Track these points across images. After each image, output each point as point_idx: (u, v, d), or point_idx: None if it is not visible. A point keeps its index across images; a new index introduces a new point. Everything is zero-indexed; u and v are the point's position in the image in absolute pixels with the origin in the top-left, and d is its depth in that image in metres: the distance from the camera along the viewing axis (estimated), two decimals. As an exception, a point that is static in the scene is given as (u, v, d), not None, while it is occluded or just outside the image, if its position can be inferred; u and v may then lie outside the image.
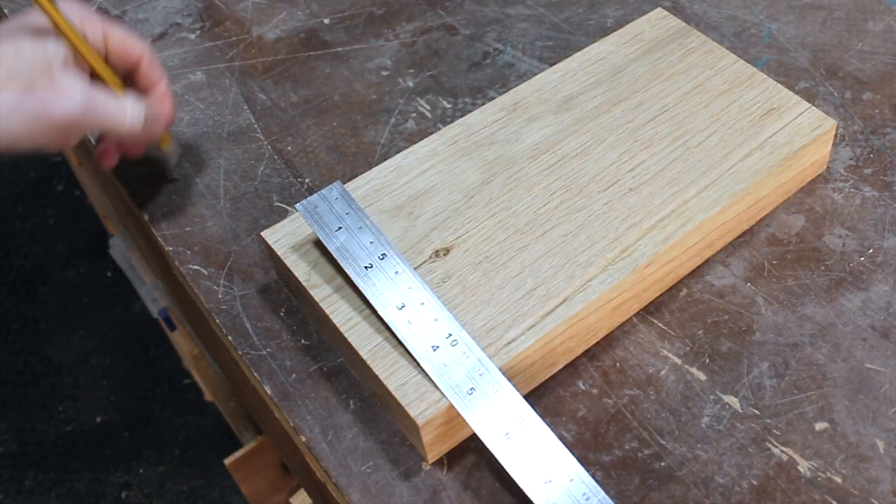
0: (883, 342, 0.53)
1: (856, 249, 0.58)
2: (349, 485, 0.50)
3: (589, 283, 0.52)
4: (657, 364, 0.53)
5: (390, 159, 0.59)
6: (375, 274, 0.51)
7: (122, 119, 0.54)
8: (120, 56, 0.56)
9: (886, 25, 0.71)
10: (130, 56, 0.56)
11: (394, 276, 0.51)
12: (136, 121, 0.54)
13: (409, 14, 0.75)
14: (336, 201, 0.55)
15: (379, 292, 0.51)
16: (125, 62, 0.57)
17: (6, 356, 1.58)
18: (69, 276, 1.68)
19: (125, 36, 0.56)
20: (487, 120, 0.61)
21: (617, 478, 0.49)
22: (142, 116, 0.55)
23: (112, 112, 0.53)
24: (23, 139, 0.52)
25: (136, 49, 0.56)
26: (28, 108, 0.51)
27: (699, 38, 0.64)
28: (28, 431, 1.49)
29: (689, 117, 0.60)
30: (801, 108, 0.60)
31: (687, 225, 0.54)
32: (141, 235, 0.71)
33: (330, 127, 0.67)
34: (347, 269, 0.52)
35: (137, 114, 0.54)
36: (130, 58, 0.56)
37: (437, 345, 0.49)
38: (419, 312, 0.50)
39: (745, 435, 0.50)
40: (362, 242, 0.53)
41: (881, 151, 0.63)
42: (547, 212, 0.55)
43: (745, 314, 0.55)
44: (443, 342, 0.49)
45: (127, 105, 0.54)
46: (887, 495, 0.48)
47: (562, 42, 0.72)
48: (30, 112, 0.51)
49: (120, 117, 0.54)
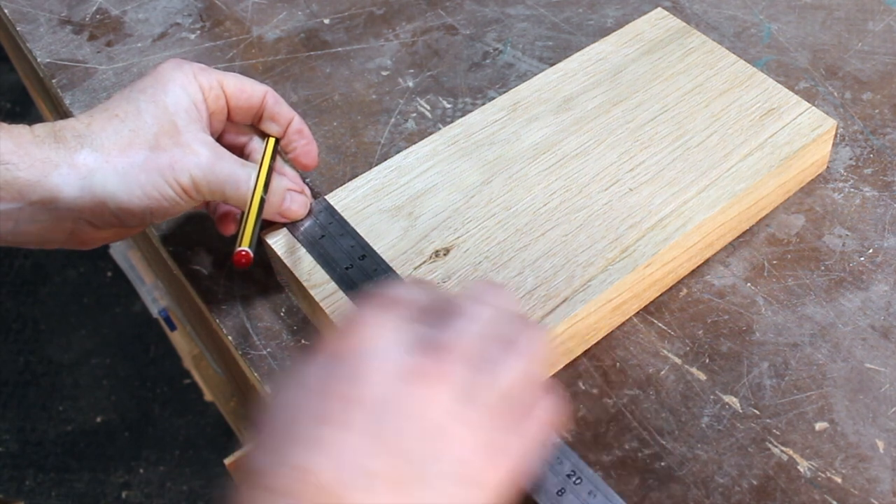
0: (883, 342, 0.53)
1: (856, 249, 0.58)
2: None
3: (589, 283, 0.52)
4: (657, 364, 0.53)
5: (390, 159, 0.59)
6: (355, 273, 0.53)
7: (244, 184, 0.50)
8: (240, 99, 0.54)
9: (886, 25, 0.71)
10: (252, 97, 0.54)
11: (372, 273, 0.52)
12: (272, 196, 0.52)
13: (409, 14, 0.75)
14: (320, 214, 0.56)
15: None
16: (248, 104, 0.54)
17: (6, 356, 1.58)
18: (69, 276, 1.68)
19: (242, 79, 0.54)
20: (487, 120, 0.61)
21: (617, 478, 0.49)
22: (279, 191, 0.53)
23: (231, 174, 0.50)
24: (142, 201, 0.49)
25: (256, 90, 0.54)
26: (154, 165, 0.49)
27: (699, 38, 0.64)
28: (28, 431, 1.49)
29: (689, 117, 0.60)
30: (801, 108, 0.60)
31: (687, 225, 0.54)
32: (141, 235, 0.71)
33: (330, 127, 0.67)
34: (329, 274, 0.53)
35: (275, 190, 0.52)
36: (252, 99, 0.54)
37: None
38: None
39: (745, 435, 0.50)
40: (343, 247, 0.54)
41: (881, 151, 0.63)
42: (547, 212, 0.55)
43: (745, 314, 0.55)
44: None
45: (245, 174, 0.51)
46: (887, 495, 0.48)
47: (562, 42, 0.72)
48: (156, 169, 0.49)
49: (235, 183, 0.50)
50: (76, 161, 0.48)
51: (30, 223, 0.49)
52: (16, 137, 0.48)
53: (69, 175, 0.48)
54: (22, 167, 0.47)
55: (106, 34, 0.75)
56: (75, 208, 0.49)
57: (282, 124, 0.56)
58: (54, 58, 0.74)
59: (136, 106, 0.50)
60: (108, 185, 0.48)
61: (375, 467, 0.32)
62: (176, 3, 0.77)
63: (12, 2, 0.78)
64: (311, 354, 0.35)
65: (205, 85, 0.52)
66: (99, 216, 0.50)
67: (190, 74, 0.52)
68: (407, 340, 0.35)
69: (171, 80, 0.51)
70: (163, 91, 0.51)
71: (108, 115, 0.50)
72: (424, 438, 0.33)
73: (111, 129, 0.49)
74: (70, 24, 0.77)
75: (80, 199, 0.48)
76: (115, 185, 0.48)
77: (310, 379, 0.34)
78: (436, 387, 0.34)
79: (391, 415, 0.33)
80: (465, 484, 0.33)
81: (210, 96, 0.52)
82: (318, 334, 0.56)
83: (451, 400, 0.34)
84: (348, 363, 0.34)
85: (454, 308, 0.37)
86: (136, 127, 0.49)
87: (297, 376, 0.35)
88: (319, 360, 0.35)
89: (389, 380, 0.33)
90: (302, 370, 0.35)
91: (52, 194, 0.48)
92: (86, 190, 0.48)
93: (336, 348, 0.35)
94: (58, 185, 0.48)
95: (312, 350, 0.35)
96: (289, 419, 0.34)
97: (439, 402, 0.33)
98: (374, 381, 0.33)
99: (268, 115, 0.55)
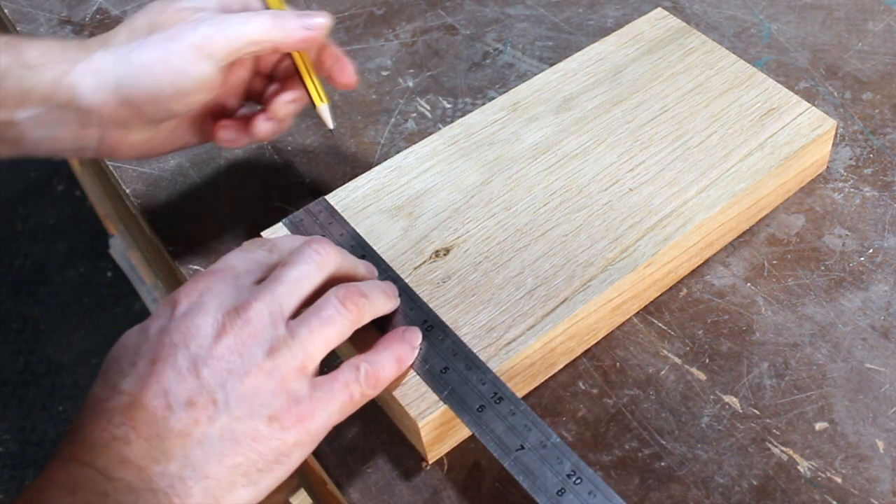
0: (883, 342, 0.53)
1: (856, 249, 0.58)
2: (349, 484, 0.50)
3: (589, 283, 0.52)
4: (657, 364, 0.53)
5: (390, 159, 0.59)
6: None
7: (244, 26, 0.49)
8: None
9: (886, 25, 0.71)
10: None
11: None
12: (265, 17, 0.50)
13: (409, 14, 0.75)
14: (320, 214, 0.56)
15: None
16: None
17: (6, 356, 1.58)
18: (69, 276, 1.68)
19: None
20: (487, 120, 0.61)
21: (617, 478, 0.49)
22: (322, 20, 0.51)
23: (234, 21, 0.49)
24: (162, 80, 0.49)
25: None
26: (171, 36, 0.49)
27: (699, 38, 0.64)
28: (28, 431, 1.49)
29: (689, 117, 0.60)
30: (801, 108, 0.60)
31: (687, 225, 0.54)
32: (141, 235, 0.71)
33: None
34: None
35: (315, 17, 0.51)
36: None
37: None
38: None
39: (745, 435, 0.50)
40: (343, 246, 0.54)
41: (881, 151, 0.63)
42: (547, 212, 0.55)
43: (745, 314, 0.55)
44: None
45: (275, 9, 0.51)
46: (887, 495, 0.48)
47: (562, 42, 0.72)
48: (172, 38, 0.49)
49: (243, 23, 0.49)
50: (93, 57, 0.49)
51: (59, 127, 0.50)
52: (45, 45, 0.50)
53: (85, 70, 0.49)
54: (46, 69, 0.49)
55: (106, 34, 0.75)
56: (95, 104, 0.49)
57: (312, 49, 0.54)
58: (54, 58, 0.74)
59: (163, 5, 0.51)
60: (127, 73, 0.49)
61: (193, 397, 0.40)
62: (176, 3, 0.77)
63: (12, 2, 0.78)
64: (157, 309, 0.44)
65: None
66: (121, 111, 0.50)
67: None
68: (225, 302, 0.43)
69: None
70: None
71: (130, 22, 0.51)
72: (232, 379, 0.41)
73: (129, 28, 0.51)
74: (70, 24, 0.77)
75: (98, 92, 0.49)
76: (132, 70, 0.49)
77: (150, 328, 0.42)
78: (244, 340, 0.42)
79: (207, 359, 0.41)
80: (262, 418, 0.41)
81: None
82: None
83: (253, 352, 0.42)
84: (180, 318, 0.42)
85: (269, 270, 0.46)
86: (140, 23, 0.50)
87: (140, 326, 0.43)
88: (159, 313, 0.43)
89: (207, 332, 0.41)
90: (145, 322, 0.43)
91: (72, 93, 0.49)
92: (102, 83, 0.49)
93: (174, 303, 0.43)
94: (76, 82, 0.49)
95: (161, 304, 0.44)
96: (128, 358, 0.42)
97: (243, 352, 0.41)
98: (197, 333, 0.41)
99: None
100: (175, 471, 0.40)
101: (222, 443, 0.41)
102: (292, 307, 0.44)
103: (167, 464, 0.40)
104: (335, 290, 0.45)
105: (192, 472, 0.40)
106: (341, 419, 0.44)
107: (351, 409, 0.44)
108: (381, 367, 0.46)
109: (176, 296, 0.43)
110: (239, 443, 0.41)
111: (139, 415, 0.40)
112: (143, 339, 0.42)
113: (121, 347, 0.43)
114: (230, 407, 0.41)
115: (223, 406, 0.41)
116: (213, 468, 0.40)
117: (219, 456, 0.40)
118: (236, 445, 0.41)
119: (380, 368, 0.46)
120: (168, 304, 0.43)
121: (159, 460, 0.40)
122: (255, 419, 0.41)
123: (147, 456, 0.40)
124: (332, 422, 0.44)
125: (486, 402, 0.47)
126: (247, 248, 0.48)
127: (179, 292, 0.43)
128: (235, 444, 0.41)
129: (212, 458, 0.40)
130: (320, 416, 0.43)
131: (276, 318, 0.43)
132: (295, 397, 0.42)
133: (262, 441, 0.41)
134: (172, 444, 0.40)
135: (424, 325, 0.50)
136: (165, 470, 0.40)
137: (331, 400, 0.43)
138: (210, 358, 0.41)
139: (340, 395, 0.44)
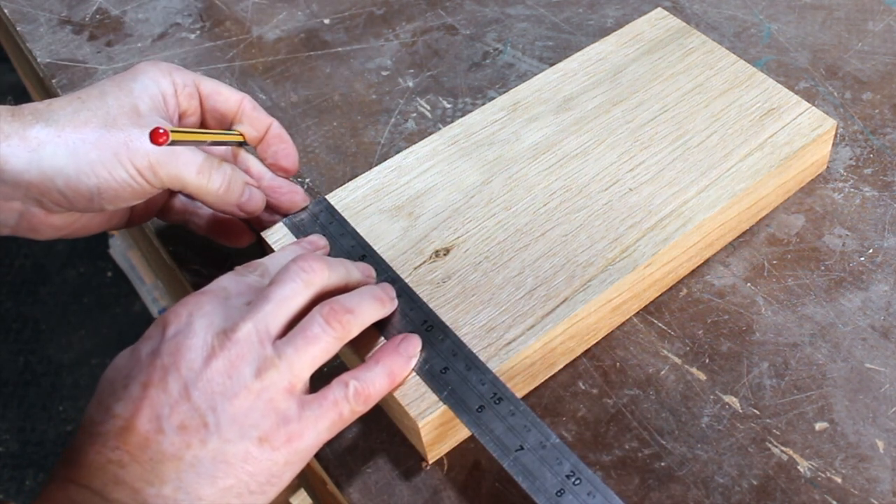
0: (883, 342, 0.53)
1: (856, 249, 0.58)
2: (349, 484, 0.50)
3: (589, 283, 0.52)
4: (657, 364, 0.53)
5: (390, 159, 0.59)
6: None
7: (193, 171, 0.50)
8: (216, 101, 0.54)
9: (886, 25, 0.71)
10: (228, 101, 0.54)
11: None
12: (216, 181, 0.51)
13: (409, 14, 0.75)
14: (320, 214, 0.56)
15: None
16: (224, 107, 0.54)
17: (6, 356, 1.58)
18: (69, 276, 1.68)
19: (219, 84, 0.54)
20: (487, 120, 0.61)
21: (617, 478, 0.49)
22: (223, 178, 0.51)
23: (187, 161, 0.50)
24: (90, 179, 0.48)
25: (233, 94, 0.54)
26: (108, 143, 0.48)
27: (699, 38, 0.64)
28: (28, 431, 1.49)
29: (689, 117, 0.60)
30: (801, 108, 0.60)
31: (687, 225, 0.54)
32: (141, 235, 0.71)
33: (330, 127, 0.67)
34: None
35: (218, 174, 0.51)
36: (228, 102, 0.54)
37: None
38: None
39: (745, 435, 0.50)
40: (343, 247, 0.54)
41: (881, 151, 0.63)
42: (547, 212, 0.55)
43: (745, 314, 0.55)
44: (419, 330, 0.50)
45: (203, 160, 0.50)
46: (887, 495, 0.48)
47: (562, 42, 0.72)
48: (109, 147, 0.48)
49: (192, 168, 0.50)
50: (27, 134, 0.48)
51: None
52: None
53: (18, 147, 0.48)
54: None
55: (106, 34, 0.75)
56: (22, 182, 0.48)
57: (259, 130, 0.55)
58: (54, 58, 0.74)
59: (101, 90, 0.50)
60: (57, 159, 0.48)
61: (184, 421, 0.41)
62: (176, 3, 0.78)
63: (12, 2, 0.78)
64: (148, 330, 0.44)
65: (178, 81, 0.52)
66: (46, 194, 0.49)
67: (165, 70, 0.52)
68: (215, 323, 0.43)
69: (143, 71, 0.52)
70: (132, 79, 0.51)
71: (70, 98, 0.50)
72: (222, 401, 0.41)
73: (70, 108, 0.49)
74: (70, 24, 0.77)
75: (27, 172, 0.48)
76: (63, 159, 0.48)
77: (141, 350, 0.42)
78: (232, 361, 0.42)
79: (197, 381, 0.41)
80: (252, 440, 0.41)
81: (183, 93, 0.53)
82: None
83: (242, 373, 0.42)
84: (170, 340, 0.42)
85: (259, 292, 0.45)
86: (95, 107, 0.49)
87: (132, 347, 0.43)
88: (150, 334, 0.43)
89: (197, 354, 0.41)
90: (137, 344, 0.43)
91: (1, 167, 0.48)
92: (33, 163, 0.48)
93: (164, 324, 0.43)
94: (5, 156, 0.47)
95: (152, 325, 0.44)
96: (120, 380, 0.42)
97: (231, 374, 0.42)
98: (188, 355, 0.41)
99: (245, 119, 0.55)
100: (169, 493, 0.40)
101: (214, 465, 0.41)
102: (279, 326, 0.44)
103: (161, 486, 0.40)
104: (320, 307, 0.45)
105: (185, 494, 0.40)
106: (331, 437, 0.44)
107: (341, 427, 0.44)
108: (372, 384, 0.46)
109: (166, 316, 0.43)
110: (231, 465, 0.41)
111: (132, 439, 0.40)
112: (134, 360, 0.42)
113: (113, 369, 0.43)
114: (221, 429, 0.41)
115: (214, 429, 0.41)
116: (205, 490, 0.41)
117: (211, 478, 0.41)
118: (228, 468, 0.41)
119: (370, 385, 0.45)
120: (158, 324, 0.43)
121: (153, 483, 0.40)
122: (245, 441, 0.41)
123: (141, 479, 0.40)
124: (322, 440, 0.44)
125: (485, 402, 0.47)
126: (239, 271, 0.48)
127: (170, 313, 0.43)
128: (227, 467, 0.41)
129: (204, 481, 0.41)
130: (310, 436, 0.43)
131: (262, 338, 0.43)
132: (284, 417, 0.42)
133: (254, 462, 0.42)
134: (166, 467, 0.40)
135: (424, 326, 0.50)
136: (160, 492, 0.40)
137: (320, 419, 0.43)
138: (200, 381, 0.41)
139: (330, 413, 0.44)
